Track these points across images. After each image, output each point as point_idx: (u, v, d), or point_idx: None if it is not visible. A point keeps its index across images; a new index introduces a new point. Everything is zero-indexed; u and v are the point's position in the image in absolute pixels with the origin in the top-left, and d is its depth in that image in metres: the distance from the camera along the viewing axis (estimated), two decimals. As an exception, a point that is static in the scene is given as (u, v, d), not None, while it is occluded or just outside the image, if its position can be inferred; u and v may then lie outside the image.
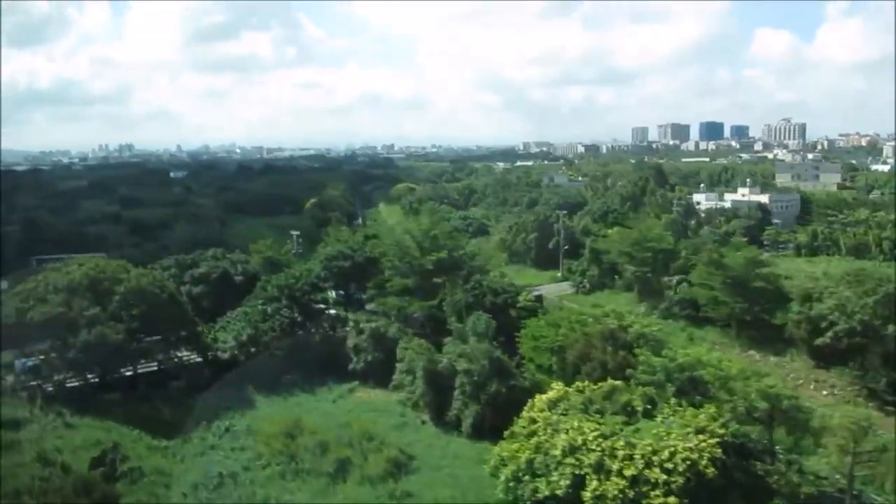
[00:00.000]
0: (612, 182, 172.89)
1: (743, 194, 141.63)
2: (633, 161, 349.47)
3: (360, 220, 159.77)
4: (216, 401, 55.74)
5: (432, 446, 46.76)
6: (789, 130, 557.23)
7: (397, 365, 55.75)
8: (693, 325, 69.01)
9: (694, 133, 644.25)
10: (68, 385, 53.48)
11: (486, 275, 66.47)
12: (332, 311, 63.95)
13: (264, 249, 75.70)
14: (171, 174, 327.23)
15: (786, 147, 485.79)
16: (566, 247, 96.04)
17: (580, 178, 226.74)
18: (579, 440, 34.83)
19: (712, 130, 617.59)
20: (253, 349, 58.44)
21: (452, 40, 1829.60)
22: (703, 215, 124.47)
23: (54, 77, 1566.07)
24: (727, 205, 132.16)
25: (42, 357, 52.90)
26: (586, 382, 42.13)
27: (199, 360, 61.22)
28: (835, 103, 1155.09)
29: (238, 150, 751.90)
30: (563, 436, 35.78)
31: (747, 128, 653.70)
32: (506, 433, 39.55)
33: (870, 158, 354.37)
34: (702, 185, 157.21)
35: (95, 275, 53.38)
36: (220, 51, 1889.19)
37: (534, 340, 53.16)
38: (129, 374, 57.67)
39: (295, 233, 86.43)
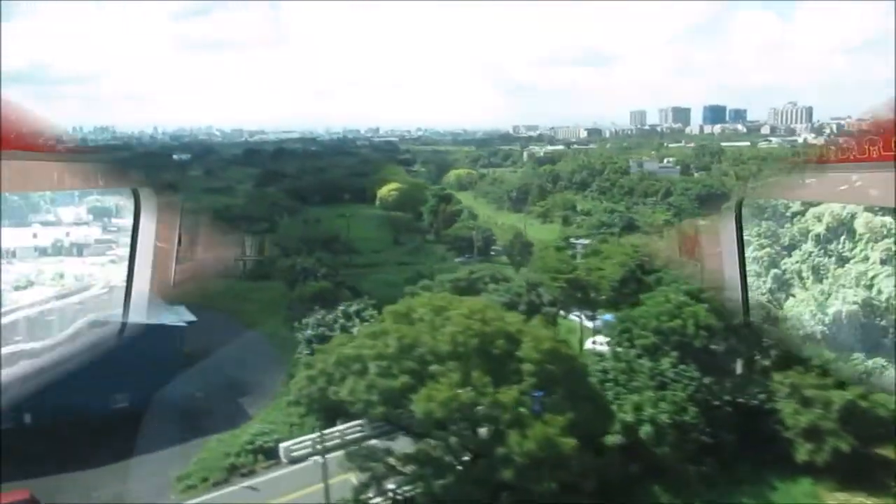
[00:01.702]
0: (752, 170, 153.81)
1: None
2: (672, 145, 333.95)
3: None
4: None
5: None
6: (796, 114, 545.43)
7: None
8: None
9: (695, 116, 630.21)
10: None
11: None
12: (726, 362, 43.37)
13: (557, 264, 52.86)
14: (174, 157, 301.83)
15: (793, 131, 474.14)
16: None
17: (659, 164, 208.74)
18: None
19: (716, 114, 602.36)
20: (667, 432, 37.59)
21: (433, 20, 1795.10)
22: None
23: (22, 56, 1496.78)
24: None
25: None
26: None
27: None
28: (825, 86, 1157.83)
29: (217, 133, 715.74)
30: None
31: (745, 111, 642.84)
32: None
33: None
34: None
35: (482, 328, 31.68)
36: (194, 30, 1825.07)
37: None
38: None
39: (580, 241, 62.20)
